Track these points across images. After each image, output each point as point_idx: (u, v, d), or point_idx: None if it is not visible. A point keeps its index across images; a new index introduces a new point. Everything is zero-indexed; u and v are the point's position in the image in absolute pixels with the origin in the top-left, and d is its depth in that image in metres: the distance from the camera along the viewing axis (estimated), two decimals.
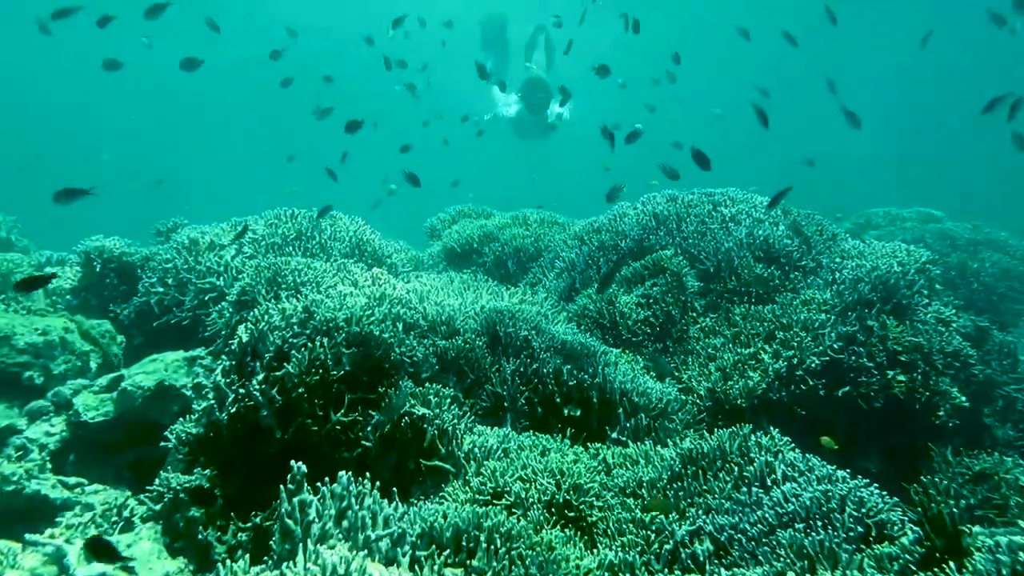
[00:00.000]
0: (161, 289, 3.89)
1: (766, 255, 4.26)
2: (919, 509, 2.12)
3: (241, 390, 2.64)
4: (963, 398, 3.55)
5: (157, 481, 2.40)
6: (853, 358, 3.59)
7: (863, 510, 2.04)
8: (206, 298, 3.70)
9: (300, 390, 2.66)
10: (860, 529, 1.97)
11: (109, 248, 4.24)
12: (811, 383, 3.52)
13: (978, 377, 3.90)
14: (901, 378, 3.58)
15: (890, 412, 3.62)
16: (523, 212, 6.90)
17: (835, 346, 3.56)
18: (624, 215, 4.99)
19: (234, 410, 2.60)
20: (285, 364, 2.69)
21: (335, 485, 1.93)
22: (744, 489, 2.34)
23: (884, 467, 3.69)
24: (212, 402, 2.64)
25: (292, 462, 1.90)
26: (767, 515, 2.13)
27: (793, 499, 2.12)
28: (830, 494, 2.10)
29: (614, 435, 3.13)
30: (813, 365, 3.53)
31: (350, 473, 1.99)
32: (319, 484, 1.99)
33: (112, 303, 4.19)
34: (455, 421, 2.86)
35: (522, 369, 3.33)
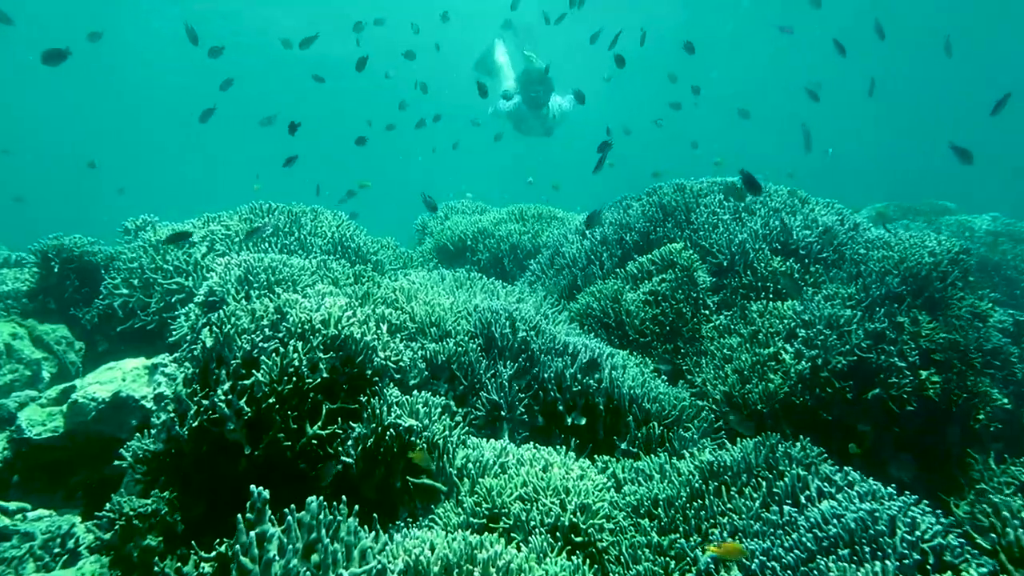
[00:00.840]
0: (125, 291, 3.65)
1: (784, 247, 4.04)
2: (992, 535, 1.89)
3: (205, 401, 2.40)
4: (1005, 400, 3.33)
5: (108, 506, 2.16)
6: (883, 357, 3.36)
7: (917, 533, 1.81)
8: (173, 300, 3.47)
9: (271, 400, 2.43)
10: (916, 556, 1.74)
11: (69, 247, 4.00)
12: (837, 385, 3.29)
13: (1017, 376, 3.68)
14: (935, 378, 3.36)
15: (924, 415, 3.39)
16: (519, 207, 6.68)
17: (863, 344, 3.34)
18: (628, 207, 4.77)
19: (196, 424, 2.36)
20: (254, 372, 2.46)
21: (303, 513, 1.70)
22: (775, 508, 2.11)
23: (917, 476, 3.47)
24: (172, 415, 2.40)
25: (252, 487, 1.66)
26: (804, 539, 1.90)
27: (835, 520, 1.89)
28: (877, 514, 1.87)
29: (624, 446, 2.90)
30: (839, 366, 3.31)
31: (321, 499, 1.76)
32: (287, 510, 1.76)
33: (73, 306, 3.94)
34: (446, 433, 2.63)
35: (521, 374, 3.10)
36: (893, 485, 2.14)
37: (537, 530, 2.13)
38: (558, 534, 2.15)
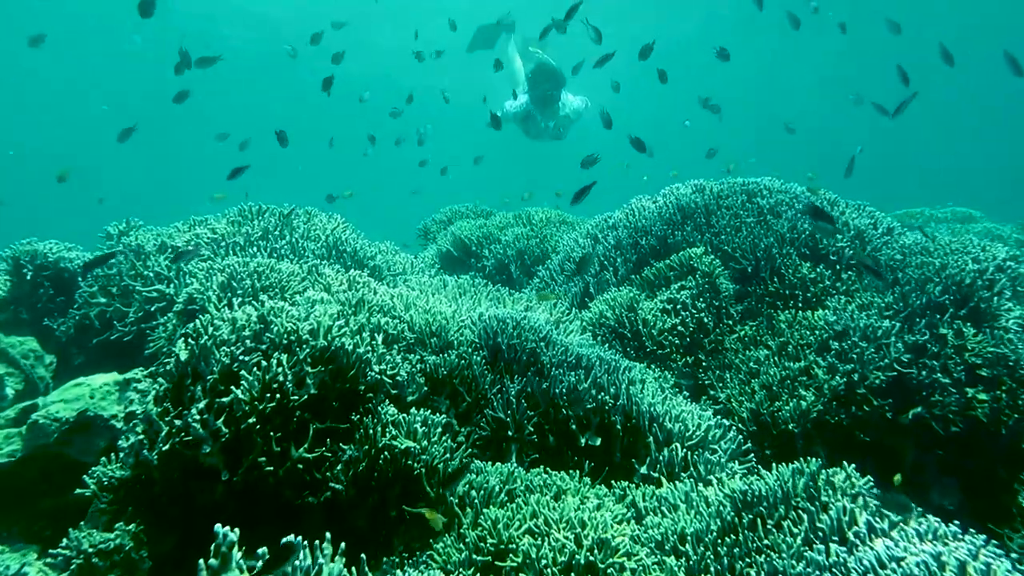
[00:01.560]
0: (103, 299, 3.47)
1: (813, 252, 3.82)
2: None
3: (177, 421, 2.20)
4: None
5: (65, 541, 1.96)
6: (924, 373, 3.14)
7: None
8: (153, 308, 3.28)
9: (252, 420, 2.23)
10: None
11: (43, 252, 3.82)
12: (876, 403, 3.07)
13: None
14: (983, 396, 3.14)
15: (969, 437, 3.17)
16: (527, 211, 6.50)
17: (903, 359, 3.12)
18: (643, 208, 4.57)
19: (168, 447, 2.16)
20: (233, 388, 2.26)
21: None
22: (820, 546, 1.90)
23: (962, 503, 3.25)
24: (141, 437, 2.20)
25: (217, 527, 1.46)
26: None
27: (893, 565, 1.68)
28: (943, 558, 1.65)
29: (643, 470, 2.68)
30: (877, 382, 3.09)
31: (299, 539, 1.55)
32: (267, 548, 1.55)
33: (47, 317, 3.76)
34: (447, 456, 2.42)
35: (529, 389, 2.89)
36: (937, 515, 1.94)
37: (549, 569, 1.92)
38: (573, 574, 1.93)
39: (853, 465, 2.18)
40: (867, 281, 3.61)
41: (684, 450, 2.67)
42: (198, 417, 2.20)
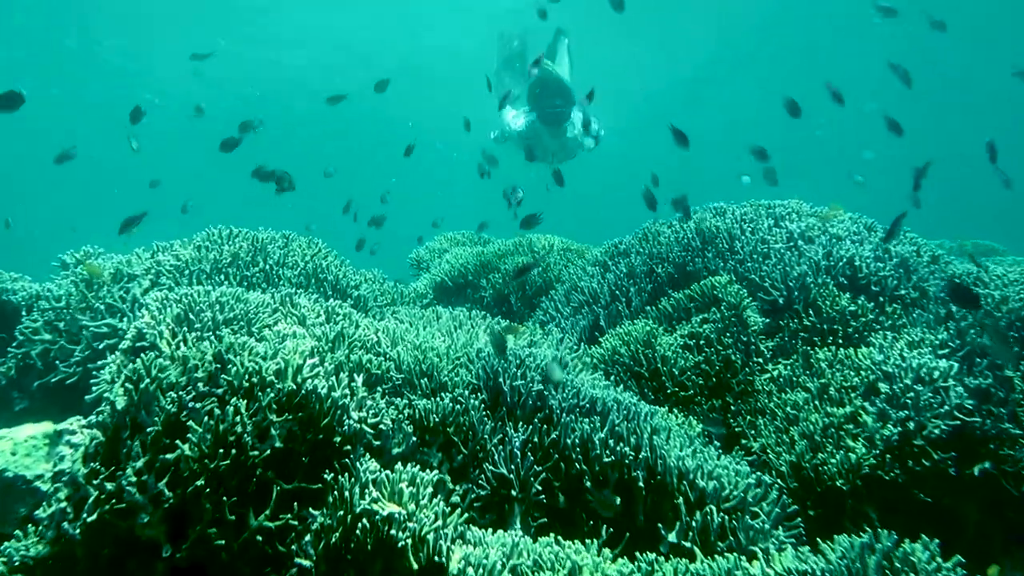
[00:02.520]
0: (47, 336, 3.15)
1: (851, 282, 3.53)
2: None
3: (109, 484, 1.86)
4: None
5: None
6: (990, 422, 2.82)
7: None
8: (102, 346, 2.96)
9: (200, 481, 1.89)
10: None
11: None
12: (936, 456, 2.74)
13: None
14: None
15: None
16: (528, 237, 6.21)
17: (965, 405, 2.80)
18: (658, 233, 4.28)
19: (95, 517, 1.82)
20: (179, 443, 1.93)
21: None
22: None
23: None
24: (64, 505, 1.86)
25: None
26: None
27: None
28: None
29: (672, 537, 2.34)
30: (936, 432, 2.76)
31: None
32: None
33: None
34: (438, 524, 2.08)
35: (536, 439, 2.56)
36: None
37: None
38: None
39: (936, 541, 1.85)
40: (915, 315, 3.30)
41: (720, 514, 2.33)
42: (135, 479, 1.86)
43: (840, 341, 3.30)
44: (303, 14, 17.68)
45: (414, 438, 2.47)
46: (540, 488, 2.47)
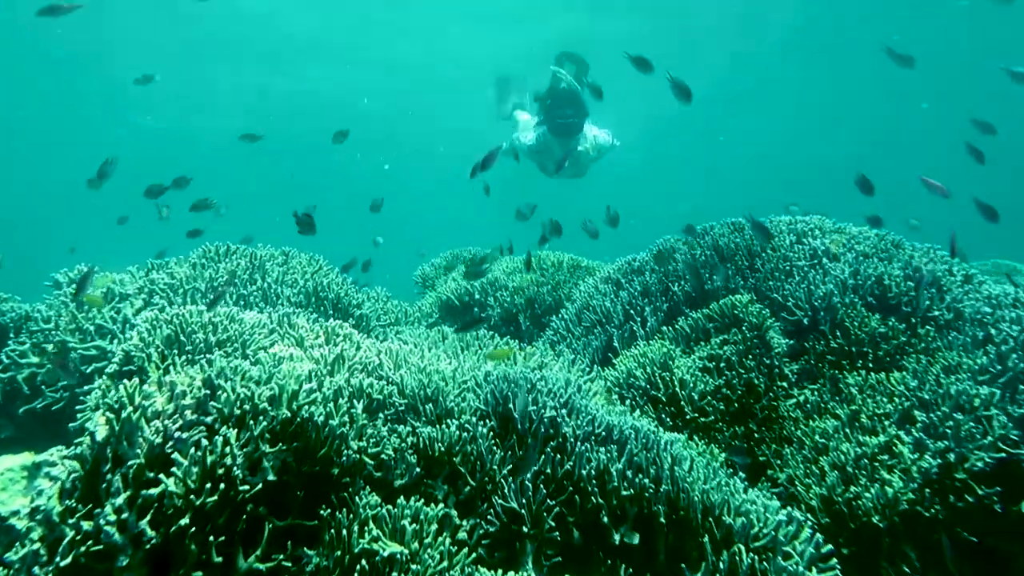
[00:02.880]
0: (35, 359, 3.03)
1: (880, 302, 3.38)
2: None
3: (86, 524, 1.73)
4: None
5: None
6: None
7: None
8: (89, 369, 2.85)
9: (185, 520, 1.76)
10: None
11: None
12: (979, 491, 2.58)
13: None
14: None
15: None
16: (537, 254, 6.09)
17: (1011, 436, 2.64)
18: (674, 250, 4.15)
19: (69, 560, 1.69)
20: (163, 477, 1.80)
21: None
22: None
23: None
24: (36, 546, 1.73)
25: None
26: None
27: None
28: None
29: None
30: (980, 464, 2.60)
31: None
32: None
33: None
34: (444, 565, 1.95)
35: (549, 470, 2.42)
36: None
37: None
38: None
39: None
40: (950, 338, 3.15)
41: (750, 554, 2.18)
42: (114, 517, 1.73)
43: (870, 365, 3.15)
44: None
45: (418, 469, 2.33)
46: (553, 524, 2.32)
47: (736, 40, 18.32)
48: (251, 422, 1.94)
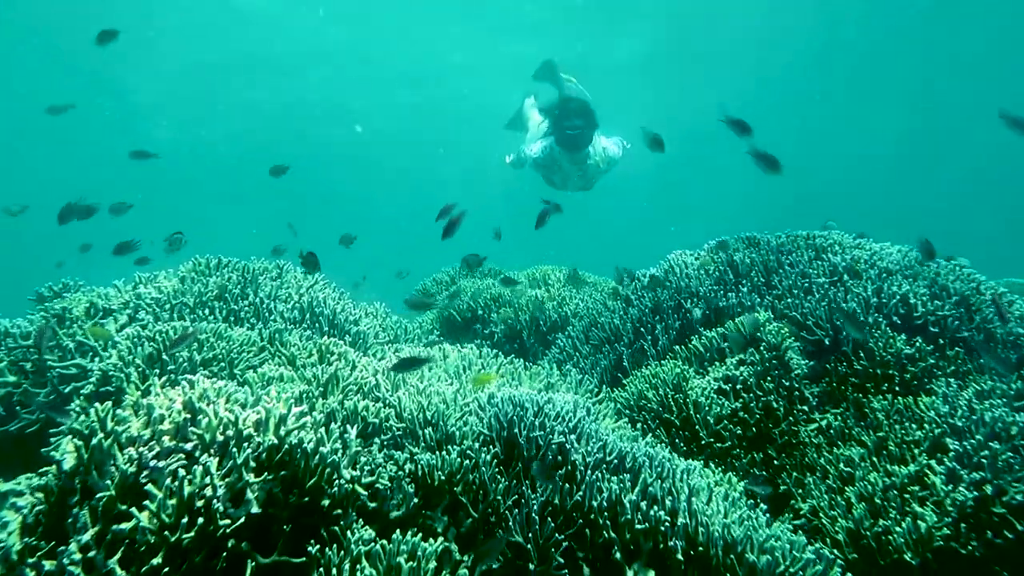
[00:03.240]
0: (12, 378, 2.90)
1: (905, 321, 3.24)
2: None
3: (48, 564, 1.59)
4: None
5: None
6: None
7: None
8: (67, 389, 2.71)
9: (158, 560, 1.61)
10: None
11: None
12: (1019, 527, 2.42)
13: None
14: None
15: None
16: (542, 269, 5.97)
17: None
18: (686, 265, 4.02)
19: None
20: (136, 511, 1.66)
21: None
22: None
23: None
24: None
25: None
26: None
27: None
28: None
29: None
30: (1018, 498, 2.45)
31: None
32: None
33: None
34: None
35: (557, 501, 2.27)
36: None
37: None
38: None
39: None
40: (983, 360, 3.01)
41: None
42: (79, 556, 1.59)
43: (897, 388, 3.00)
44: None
45: (416, 499, 2.18)
46: (562, 560, 2.17)
47: (752, 59, 18.33)
48: (234, 449, 1.80)
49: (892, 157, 24.99)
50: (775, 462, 3.00)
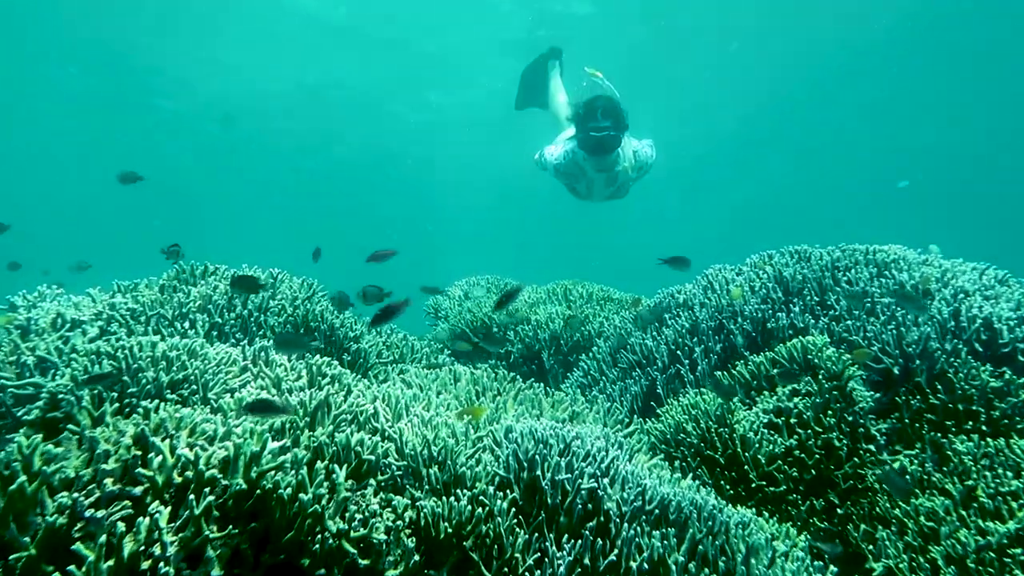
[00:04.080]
0: None
1: (988, 349, 2.88)
2: None
3: None
4: None
5: None
6: None
7: None
8: (20, 413, 2.41)
9: None
10: None
11: None
12: None
13: None
14: None
15: None
16: (563, 284, 5.64)
17: None
18: (727, 281, 3.68)
19: None
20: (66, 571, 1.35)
21: None
22: None
23: None
24: None
25: None
26: None
27: None
28: None
29: None
30: None
31: None
32: None
33: None
34: None
35: (587, 560, 1.94)
36: None
37: None
38: None
39: None
40: None
41: None
42: None
43: (983, 428, 2.64)
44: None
45: (417, 556, 1.86)
46: None
47: (771, 77, 18.06)
48: (191, 497, 1.49)
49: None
50: (839, 510, 2.64)
